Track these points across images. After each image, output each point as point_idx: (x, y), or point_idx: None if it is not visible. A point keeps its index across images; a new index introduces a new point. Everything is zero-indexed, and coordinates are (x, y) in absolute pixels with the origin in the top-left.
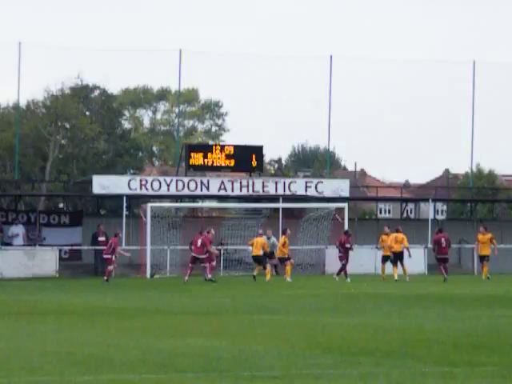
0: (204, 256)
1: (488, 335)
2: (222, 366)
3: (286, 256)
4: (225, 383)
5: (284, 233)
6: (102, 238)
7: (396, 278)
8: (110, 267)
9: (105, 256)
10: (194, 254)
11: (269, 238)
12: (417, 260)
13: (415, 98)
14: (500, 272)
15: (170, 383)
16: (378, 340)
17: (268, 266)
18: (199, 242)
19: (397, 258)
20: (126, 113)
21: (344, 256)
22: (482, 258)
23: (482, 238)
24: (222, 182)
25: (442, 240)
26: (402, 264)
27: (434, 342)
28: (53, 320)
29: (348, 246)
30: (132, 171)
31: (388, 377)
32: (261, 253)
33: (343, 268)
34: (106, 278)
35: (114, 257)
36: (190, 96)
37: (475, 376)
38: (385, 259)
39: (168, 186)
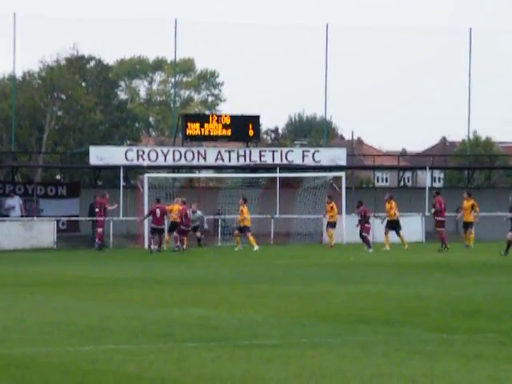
0: (163, 227)
1: (486, 302)
2: (221, 336)
3: (246, 225)
4: (223, 352)
5: (244, 202)
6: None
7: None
8: (100, 229)
9: (97, 218)
10: (153, 226)
11: (194, 212)
12: (414, 228)
13: (412, 66)
14: (497, 239)
15: (169, 353)
16: (377, 308)
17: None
18: (158, 212)
19: (392, 225)
20: (122, 83)
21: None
22: (466, 225)
23: (466, 204)
24: (219, 152)
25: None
26: (399, 233)
27: (432, 310)
28: (51, 291)
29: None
30: (128, 142)
31: (387, 344)
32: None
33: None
34: (98, 242)
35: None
36: (185, 66)
37: (473, 342)
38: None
39: (165, 156)
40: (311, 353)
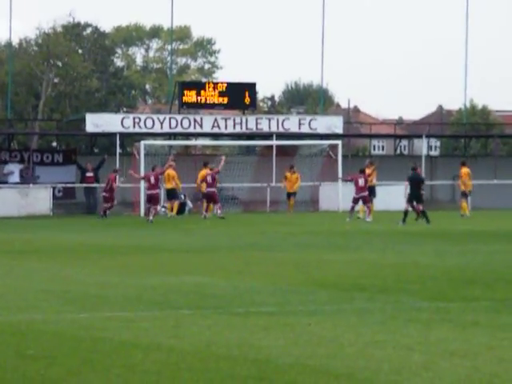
0: (157, 191)
1: (482, 270)
2: (217, 303)
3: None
4: (220, 320)
5: (205, 166)
6: (89, 174)
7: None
8: (106, 205)
9: (102, 194)
10: (147, 192)
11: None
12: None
13: (408, 33)
14: (494, 207)
15: (166, 320)
16: (373, 276)
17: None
18: (152, 179)
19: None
20: (119, 51)
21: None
22: (464, 194)
23: (464, 172)
24: (216, 120)
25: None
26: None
27: (428, 278)
28: (48, 258)
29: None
30: (125, 110)
31: (383, 312)
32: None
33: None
34: (101, 213)
35: (111, 194)
36: (182, 33)
37: (470, 311)
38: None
39: (161, 123)
40: (307, 320)
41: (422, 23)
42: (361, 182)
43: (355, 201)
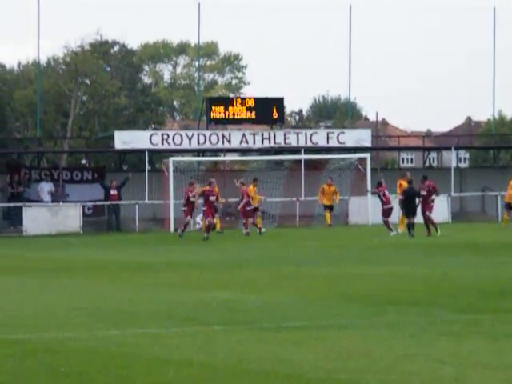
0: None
1: None
2: (248, 318)
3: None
4: (251, 335)
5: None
6: (113, 192)
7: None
8: (187, 218)
9: (183, 208)
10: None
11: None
12: (440, 209)
13: (436, 46)
14: None
15: (197, 336)
16: (404, 289)
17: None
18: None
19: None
20: (146, 67)
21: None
22: (509, 206)
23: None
24: (244, 135)
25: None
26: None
27: (459, 290)
28: (78, 276)
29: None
30: (153, 126)
31: (414, 325)
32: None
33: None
34: (180, 230)
35: (190, 208)
36: (209, 49)
37: (501, 322)
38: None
39: (189, 139)
40: (338, 334)
41: (450, 34)
42: (387, 193)
43: (386, 214)
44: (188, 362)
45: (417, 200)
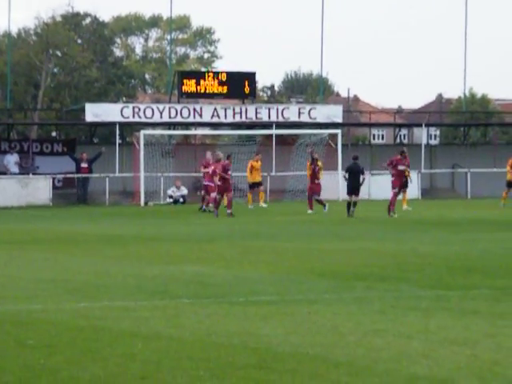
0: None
1: (482, 258)
2: (217, 292)
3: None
4: (220, 309)
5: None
6: (84, 165)
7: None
8: (213, 194)
9: (206, 183)
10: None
11: (178, 188)
12: (411, 185)
13: (408, 22)
14: (494, 195)
15: (166, 309)
16: (373, 265)
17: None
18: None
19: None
20: (118, 40)
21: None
22: (509, 184)
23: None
24: (215, 109)
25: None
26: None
27: (427, 266)
28: (47, 248)
29: (402, 168)
30: (124, 99)
31: (382, 301)
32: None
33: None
34: (208, 206)
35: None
36: (181, 23)
37: (469, 299)
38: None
39: (161, 113)
40: (307, 309)
41: (422, 12)
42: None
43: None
44: (156, 335)
45: (361, 177)
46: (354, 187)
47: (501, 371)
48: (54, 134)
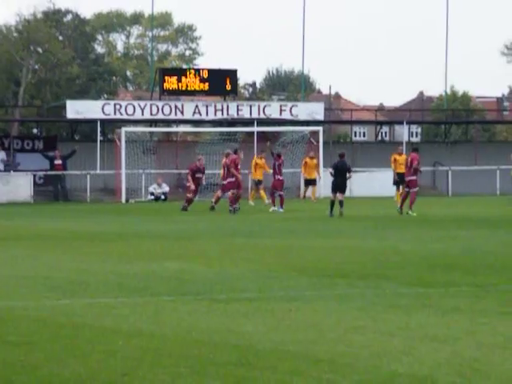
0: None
1: (462, 256)
2: (198, 289)
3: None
4: (200, 306)
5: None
6: (58, 162)
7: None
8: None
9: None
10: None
11: (159, 185)
12: (391, 182)
13: (389, 20)
14: (474, 193)
15: (146, 306)
16: (353, 262)
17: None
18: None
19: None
20: (99, 37)
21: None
22: None
23: None
24: (197, 106)
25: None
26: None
27: (408, 263)
28: (28, 245)
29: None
30: (105, 96)
31: (363, 298)
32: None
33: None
34: (233, 206)
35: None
36: (163, 20)
37: (450, 296)
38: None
39: (142, 110)
40: (288, 306)
41: (404, 10)
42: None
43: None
44: (137, 332)
45: (347, 175)
46: (339, 185)
47: (481, 368)
48: (35, 130)
